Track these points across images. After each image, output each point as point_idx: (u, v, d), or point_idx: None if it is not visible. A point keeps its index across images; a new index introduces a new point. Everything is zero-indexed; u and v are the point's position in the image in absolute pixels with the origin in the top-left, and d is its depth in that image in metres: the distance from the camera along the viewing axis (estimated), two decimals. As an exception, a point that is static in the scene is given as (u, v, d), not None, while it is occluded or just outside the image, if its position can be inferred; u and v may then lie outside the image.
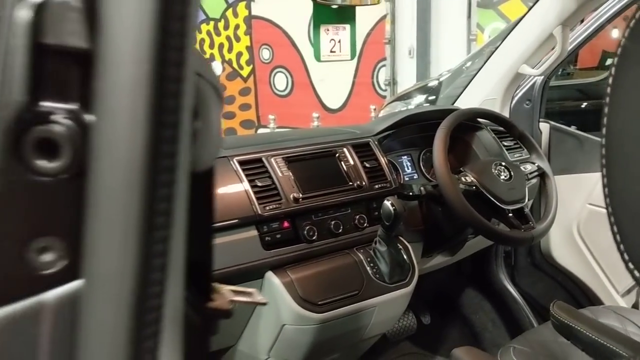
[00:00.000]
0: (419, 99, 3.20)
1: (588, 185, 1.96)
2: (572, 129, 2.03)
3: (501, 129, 1.71)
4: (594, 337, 1.04)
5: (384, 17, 5.15)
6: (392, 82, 5.26)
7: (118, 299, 0.32)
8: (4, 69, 0.31)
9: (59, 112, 0.32)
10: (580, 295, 1.99)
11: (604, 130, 0.38)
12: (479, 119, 1.70)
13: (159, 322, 0.33)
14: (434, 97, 3.06)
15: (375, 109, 4.83)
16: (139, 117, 0.30)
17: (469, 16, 5.11)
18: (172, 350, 0.35)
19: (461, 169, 1.52)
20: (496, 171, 1.51)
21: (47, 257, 0.33)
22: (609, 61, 4.20)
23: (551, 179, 1.63)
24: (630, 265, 0.39)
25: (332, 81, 5.48)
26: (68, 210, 0.33)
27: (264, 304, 1.18)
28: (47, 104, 0.32)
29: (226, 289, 0.44)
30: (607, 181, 0.39)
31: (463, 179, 1.48)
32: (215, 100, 0.37)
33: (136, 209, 0.31)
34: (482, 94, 1.92)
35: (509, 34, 1.88)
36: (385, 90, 5.30)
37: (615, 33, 4.08)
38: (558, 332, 1.14)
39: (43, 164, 0.32)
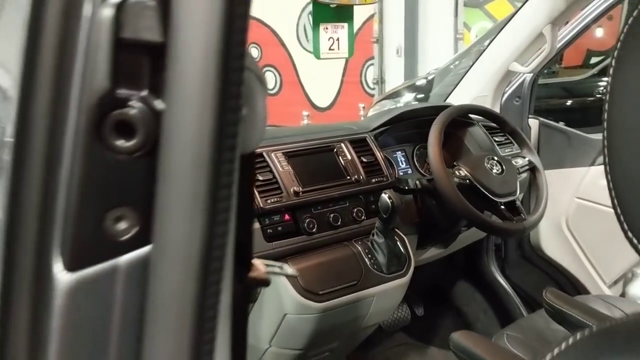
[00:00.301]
0: (408, 97, 3.25)
1: (576, 180, 2.02)
2: (561, 125, 2.09)
3: (493, 124, 1.76)
4: (586, 322, 1.09)
5: (372, 16, 5.20)
6: (380, 80, 5.31)
7: (187, 261, 0.36)
8: (89, 60, 0.35)
9: (134, 97, 0.36)
10: (569, 286, 2.05)
11: (605, 115, 0.43)
12: (471, 115, 1.75)
13: (219, 283, 0.37)
14: (422, 95, 3.11)
15: (364, 108, 4.88)
16: (208, 102, 0.34)
17: (456, 15, 5.17)
18: (225, 310, 0.39)
19: (455, 163, 1.57)
20: (489, 165, 1.56)
21: (122, 225, 0.37)
22: (593, 60, 4.28)
23: (541, 173, 1.69)
24: (630, 234, 0.43)
25: (321, 80, 5.52)
26: (141, 183, 0.37)
27: (295, 276, 1.22)
28: (124, 91, 0.36)
29: (259, 262, 0.48)
30: (608, 160, 0.43)
31: (457, 172, 1.53)
32: (261, 89, 0.41)
33: (204, 182, 0.35)
34: (474, 91, 1.97)
35: (499, 32, 1.93)
36: (374, 89, 5.35)
37: (599, 32, 4.16)
38: (551, 317, 1.19)
39: (120, 143, 0.36)
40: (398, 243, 1.46)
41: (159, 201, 0.36)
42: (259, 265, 0.47)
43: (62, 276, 0.36)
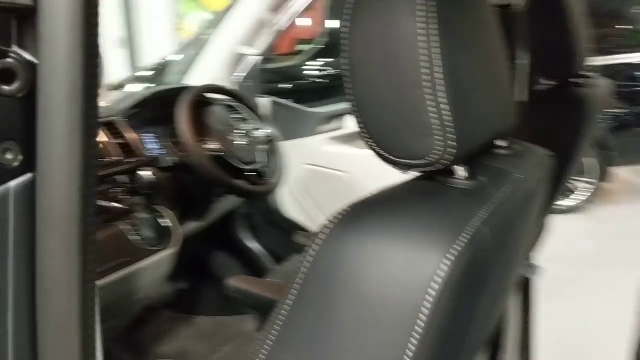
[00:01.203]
0: (137, 87, 3.25)
1: (304, 149, 2.33)
2: (288, 102, 2.38)
3: (233, 103, 1.94)
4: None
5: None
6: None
7: (70, 178, 0.43)
8: None
9: (12, 52, 0.42)
10: (310, 241, 2.36)
11: (347, 61, 0.60)
12: (213, 95, 1.90)
13: (95, 195, 0.45)
14: (154, 85, 3.15)
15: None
16: (76, 51, 0.42)
17: (171, 6, 5.26)
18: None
19: (204, 138, 1.71)
20: (234, 138, 1.74)
21: (9, 155, 0.43)
22: (302, 46, 4.80)
23: (278, 144, 1.93)
24: (376, 148, 0.60)
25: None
26: (23, 121, 0.43)
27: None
28: (4, 46, 0.41)
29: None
30: (354, 105, 0.60)
31: (207, 146, 1.67)
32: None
33: (78, 116, 0.42)
34: (208, 75, 2.12)
35: (225, 19, 2.11)
36: (95, 82, 5.13)
37: (305, 22, 4.69)
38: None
39: (3, 87, 0.41)
40: (162, 218, 1.55)
41: (41, 135, 0.42)
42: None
43: None
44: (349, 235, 0.53)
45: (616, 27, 4.19)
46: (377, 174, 2.60)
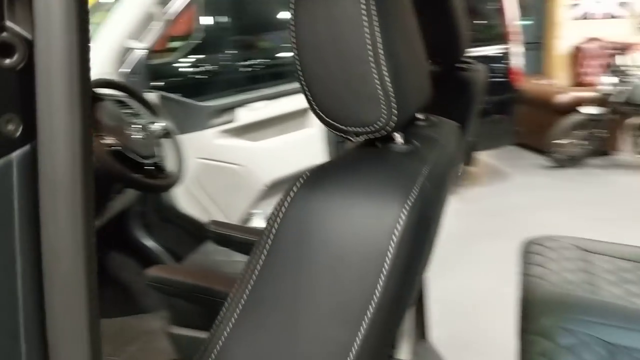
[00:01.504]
0: None
1: (195, 143, 2.33)
2: (177, 96, 2.36)
3: (124, 98, 1.89)
4: (248, 238, 1.37)
5: None
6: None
7: (72, 143, 0.44)
8: None
9: (9, 26, 0.42)
10: (206, 235, 2.36)
11: (295, 41, 0.65)
12: (102, 90, 1.84)
13: (93, 163, 0.46)
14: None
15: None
16: (71, 24, 0.43)
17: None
18: None
19: (99, 134, 1.66)
20: (131, 132, 1.70)
21: (11, 126, 0.43)
22: (175, 43, 4.72)
23: (175, 136, 1.92)
24: (326, 119, 0.66)
25: None
26: (22, 93, 0.43)
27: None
28: (3, 21, 0.41)
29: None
30: (303, 76, 0.65)
31: (104, 141, 1.62)
32: None
33: (75, 86, 0.44)
34: (94, 70, 2.05)
35: (112, 11, 2.05)
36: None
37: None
38: (218, 243, 1.44)
39: (3, 60, 0.42)
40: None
41: (40, 106, 0.43)
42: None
43: None
44: (315, 195, 0.58)
45: (473, 21, 4.60)
46: (268, 165, 2.68)
